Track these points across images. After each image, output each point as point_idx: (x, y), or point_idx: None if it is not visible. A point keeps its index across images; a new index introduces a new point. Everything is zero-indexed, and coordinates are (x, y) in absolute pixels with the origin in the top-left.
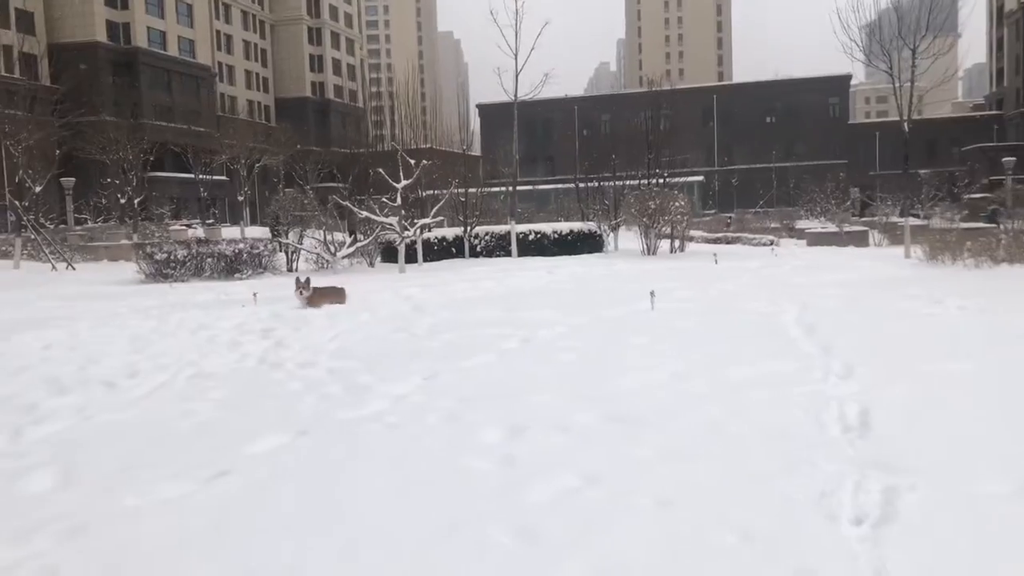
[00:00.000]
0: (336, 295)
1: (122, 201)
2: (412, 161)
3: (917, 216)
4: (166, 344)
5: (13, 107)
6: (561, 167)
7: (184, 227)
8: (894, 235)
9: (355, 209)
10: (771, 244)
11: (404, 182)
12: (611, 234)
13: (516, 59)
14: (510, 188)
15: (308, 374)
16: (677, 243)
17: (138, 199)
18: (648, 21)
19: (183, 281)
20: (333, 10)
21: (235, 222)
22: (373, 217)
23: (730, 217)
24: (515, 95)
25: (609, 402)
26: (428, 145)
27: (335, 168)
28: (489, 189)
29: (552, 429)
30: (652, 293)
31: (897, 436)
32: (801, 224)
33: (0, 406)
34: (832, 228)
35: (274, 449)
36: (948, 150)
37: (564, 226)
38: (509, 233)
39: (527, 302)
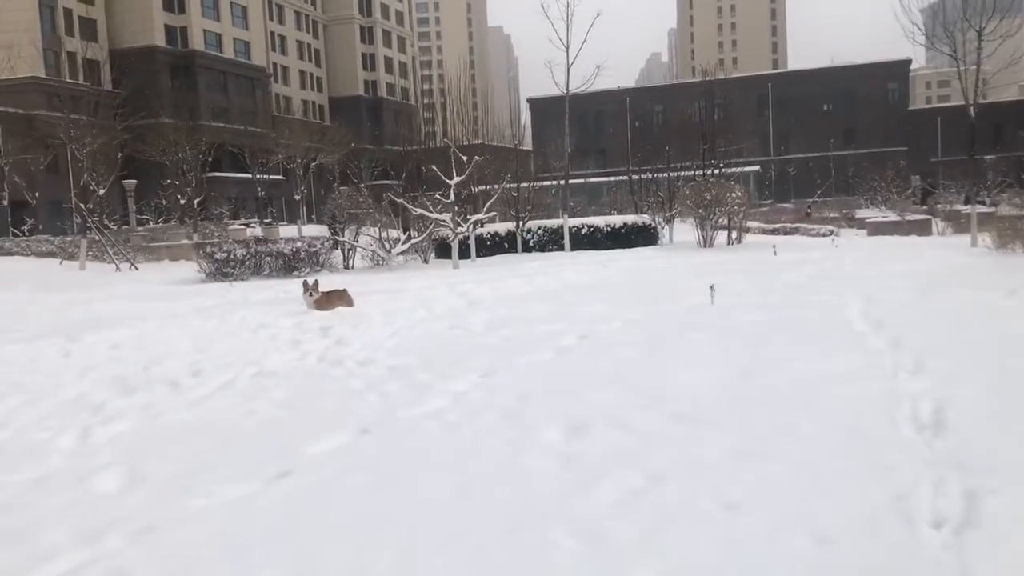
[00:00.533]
0: (343, 298)
1: (182, 202)
2: (464, 158)
3: (983, 203)
4: (228, 343)
5: (78, 112)
6: (613, 160)
7: (243, 226)
8: (958, 223)
9: (409, 206)
10: (830, 234)
11: (457, 179)
12: (666, 226)
13: (567, 52)
14: (562, 182)
15: (368, 372)
16: (734, 235)
17: (197, 199)
18: (700, 10)
19: (243, 280)
20: (384, 8)
21: (292, 221)
22: (427, 214)
23: (809, 205)
24: (567, 88)
25: (672, 400)
26: (479, 141)
27: (389, 166)
28: (541, 183)
29: (614, 428)
30: (712, 287)
31: (975, 436)
32: (861, 213)
33: (70, 406)
34: (893, 217)
35: (336, 448)
36: (1015, 134)
37: (617, 219)
38: (562, 227)
39: (582, 297)
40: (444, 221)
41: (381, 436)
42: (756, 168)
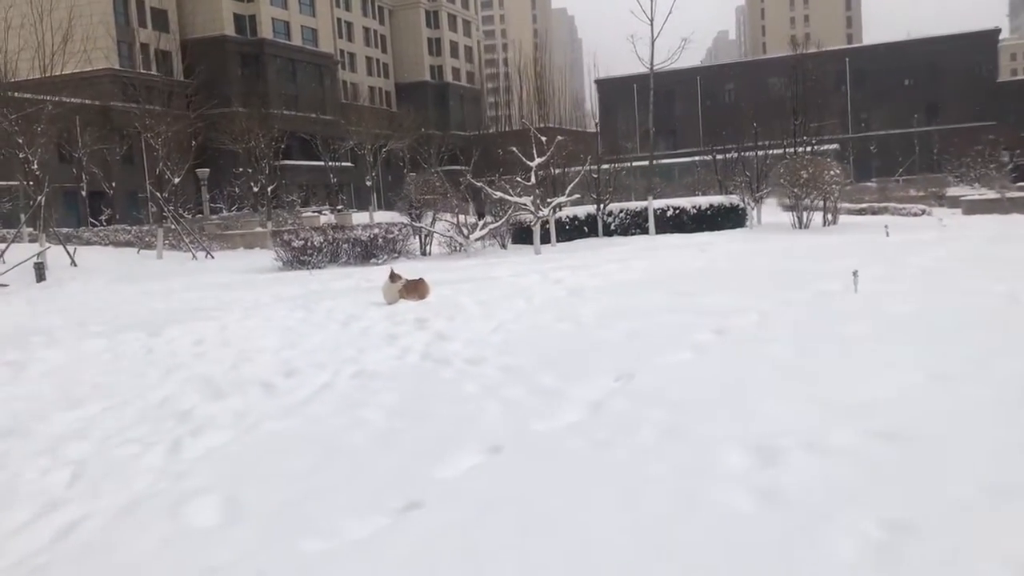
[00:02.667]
0: (418, 289)
1: (255, 189)
2: (544, 139)
3: None
4: (319, 337)
5: (152, 102)
6: (683, 140)
7: (316, 213)
8: None
9: (489, 190)
10: (922, 213)
11: (538, 160)
12: (755, 208)
13: (651, 25)
14: (634, 164)
15: (481, 373)
16: (829, 216)
17: (270, 187)
18: None
19: (320, 267)
20: None
21: (362, 207)
22: (507, 197)
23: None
24: (651, 64)
25: (864, 412)
26: (546, 124)
27: (457, 150)
28: (622, 165)
29: (809, 451)
30: (855, 273)
31: None
32: (952, 191)
33: (156, 412)
34: (991, 195)
35: (468, 471)
36: None
37: (704, 200)
38: (645, 210)
39: (694, 285)
40: (525, 205)
41: (518, 457)
42: (835, 146)
